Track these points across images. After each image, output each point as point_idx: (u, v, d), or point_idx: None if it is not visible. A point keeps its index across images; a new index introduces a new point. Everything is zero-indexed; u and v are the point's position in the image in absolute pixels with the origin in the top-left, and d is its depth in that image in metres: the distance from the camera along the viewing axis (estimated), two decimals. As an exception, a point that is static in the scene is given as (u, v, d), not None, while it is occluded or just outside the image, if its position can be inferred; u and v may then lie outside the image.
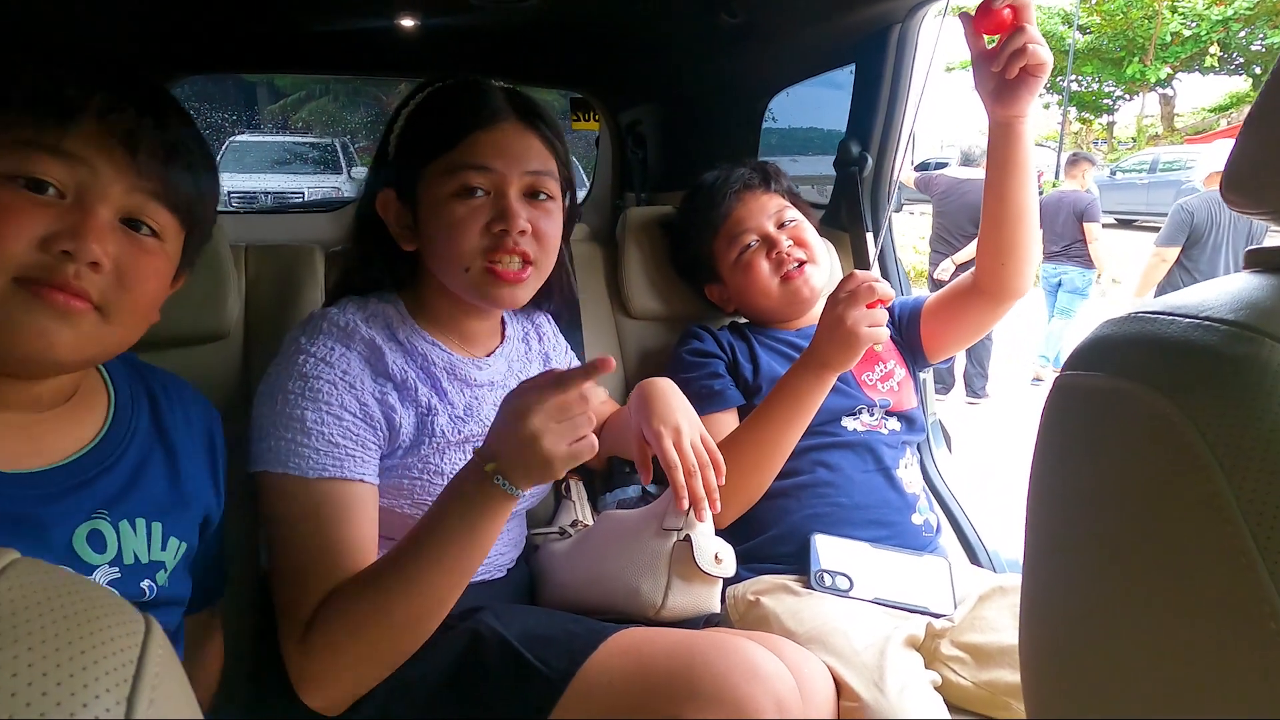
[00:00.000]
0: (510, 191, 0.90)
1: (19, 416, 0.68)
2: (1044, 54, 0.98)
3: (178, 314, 1.16)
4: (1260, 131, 0.42)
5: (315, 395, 0.85)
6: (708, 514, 0.94)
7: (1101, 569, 0.40)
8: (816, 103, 2.17)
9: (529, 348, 1.12)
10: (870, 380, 1.25)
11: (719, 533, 0.97)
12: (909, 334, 1.31)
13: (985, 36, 1.00)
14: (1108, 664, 0.38)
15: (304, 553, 0.82)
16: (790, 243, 1.27)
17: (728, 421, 1.20)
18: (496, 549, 1.04)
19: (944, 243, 4.53)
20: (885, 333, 1.04)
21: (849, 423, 1.21)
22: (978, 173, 4.48)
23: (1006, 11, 0.97)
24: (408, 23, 1.79)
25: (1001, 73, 0.99)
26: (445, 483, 0.89)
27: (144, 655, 0.26)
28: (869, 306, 1.03)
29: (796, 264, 1.27)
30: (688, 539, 0.92)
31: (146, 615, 0.28)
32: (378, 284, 0.98)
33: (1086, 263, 4.84)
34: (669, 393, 1.01)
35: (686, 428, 0.97)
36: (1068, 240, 4.83)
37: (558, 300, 1.11)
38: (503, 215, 0.89)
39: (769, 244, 1.28)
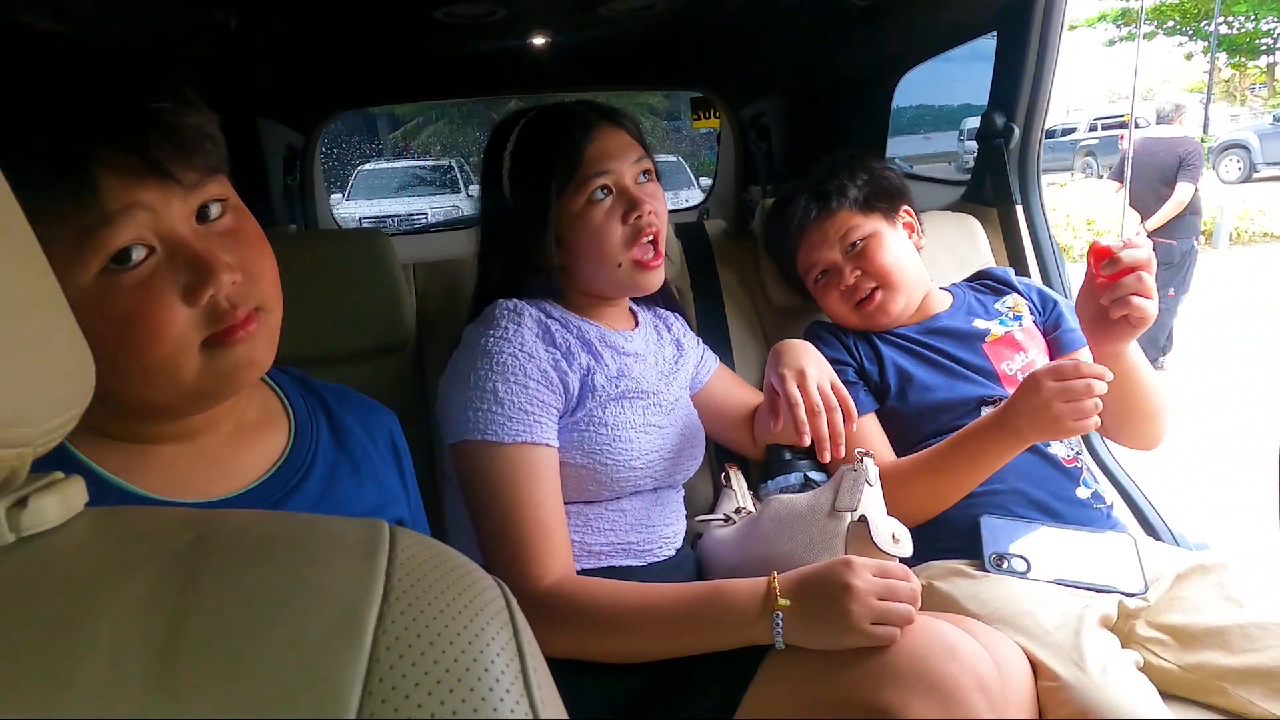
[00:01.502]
0: (628, 183, 1.03)
1: (202, 441, 0.67)
2: (1150, 309, 0.96)
3: (360, 329, 1.28)
4: None
5: (503, 368, 0.95)
6: (877, 494, 0.94)
7: None
8: (923, 79, 2.09)
9: (660, 336, 1.20)
10: (1009, 370, 1.20)
11: None
12: (1053, 349, 1.25)
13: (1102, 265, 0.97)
14: None
15: (506, 509, 0.92)
16: (859, 273, 1.23)
17: (868, 426, 1.18)
18: (667, 524, 1.10)
19: (1134, 205, 4.23)
20: (1094, 423, 0.97)
21: (987, 411, 1.17)
22: (1165, 131, 4.14)
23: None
24: (538, 41, 1.88)
25: (1106, 309, 0.97)
26: (609, 433, 1.00)
27: (509, 604, 0.30)
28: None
29: (867, 294, 1.23)
30: (863, 519, 0.92)
31: (495, 577, 0.32)
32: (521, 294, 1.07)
33: None
34: (799, 344, 1.11)
35: (813, 371, 1.04)
36: None
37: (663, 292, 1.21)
38: (632, 204, 1.02)
39: (837, 274, 1.25)
